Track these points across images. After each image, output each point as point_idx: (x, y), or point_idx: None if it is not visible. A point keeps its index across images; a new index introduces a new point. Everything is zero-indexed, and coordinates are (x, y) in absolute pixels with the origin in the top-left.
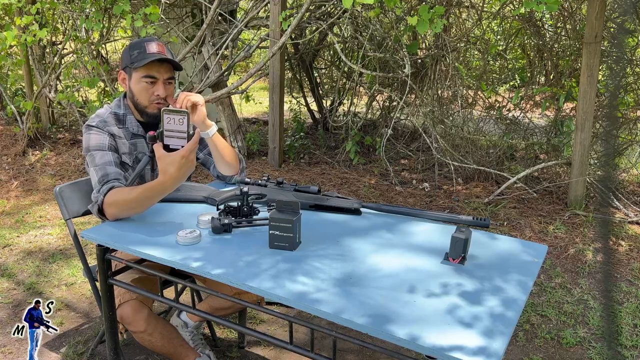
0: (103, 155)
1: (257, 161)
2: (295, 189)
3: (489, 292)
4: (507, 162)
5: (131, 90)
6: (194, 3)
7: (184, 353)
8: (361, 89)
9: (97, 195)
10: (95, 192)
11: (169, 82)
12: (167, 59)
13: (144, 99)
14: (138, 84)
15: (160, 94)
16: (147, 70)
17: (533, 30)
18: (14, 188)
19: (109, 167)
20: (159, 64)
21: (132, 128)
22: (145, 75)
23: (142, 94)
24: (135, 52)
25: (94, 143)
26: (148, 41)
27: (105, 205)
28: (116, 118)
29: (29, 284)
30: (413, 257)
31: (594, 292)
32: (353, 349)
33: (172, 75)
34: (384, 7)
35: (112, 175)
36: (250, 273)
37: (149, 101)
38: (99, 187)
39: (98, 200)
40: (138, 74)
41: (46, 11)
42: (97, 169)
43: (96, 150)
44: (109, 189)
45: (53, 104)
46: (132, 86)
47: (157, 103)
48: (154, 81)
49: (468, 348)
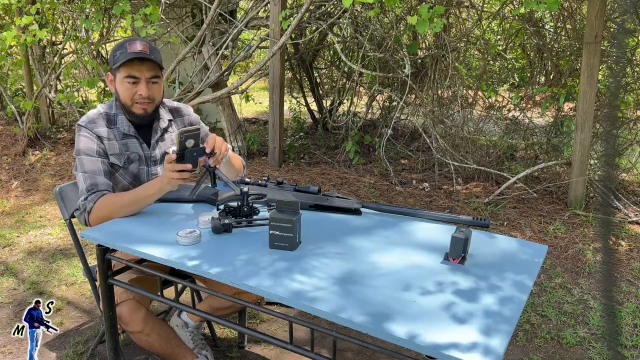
0: (92, 162)
1: (257, 161)
2: (295, 189)
3: (489, 292)
4: (507, 162)
5: (117, 90)
6: (194, 3)
7: (181, 354)
8: (361, 89)
9: (85, 203)
10: (82, 199)
11: (154, 82)
12: (147, 58)
13: (127, 98)
14: (122, 85)
15: (142, 94)
16: (128, 70)
17: (533, 30)
18: (14, 188)
19: (99, 177)
20: (140, 63)
21: (123, 128)
22: (126, 75)
23: (125, 94)
24: (117, 53)
25: (83, 147)
26: (131, 41)
27: (94, 211)
28: (107, 118)
29: (29, 284)
30: (413, 257)
31: (594, 292)
32: (353, 348)
33: (156, 74)
34: (384, 7)
35: (101, 187)
36: (250, 272)
37: (132, 101)
38: (87, 194)
39: (87, 207)
40: (120, 74)
41: (46, 11)
42: (85, 176)
43: (85, 155)
44: (99, 197)
45: (53, 104)
46: (117, 87)
47: (140, 103)
48: (135, 81)
49: (468, 347)
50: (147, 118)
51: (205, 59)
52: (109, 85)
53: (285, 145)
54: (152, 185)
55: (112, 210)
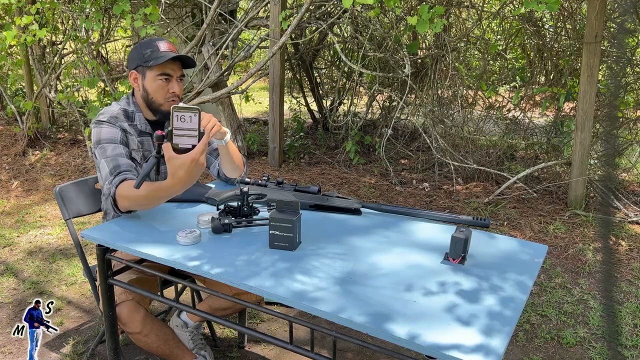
0: (115, 148)
1: (257, 161)
2: (295, 189)
3: (489, 292)
4: (507, 162)
5: (145, 89)
6: (194, 3)
7: (180, 355)
8: (361, 89)
9: (110, 187)
10: (107, 183)
11: (181, 80)
12: (178, 57)
13: (159, 96)
14: (153, 82)
15: (175, 91)
16: (162, 69)
17: (533, 30)
18: (14, 188)
19: (121, 158)
20: (172, 62)
21: (140, 126)
22: (160, 73)
23: (157, 92)
24: (148, 51)
25: (105, 136)
26: (158, 40)
27: (118, 197)
28: (125, 115)
29: (29, 284)
30: (413, 257)
31: (594, 292)
32: (353, 348)
33: (183, 73)
34: (384, 7)
35: (123, 167)
36: (250, 273)
37: (165, 99)
38: (111, 178)
39: (110, 191)
40: (153, 72)
41: (46, 11)
42: (108, 161)
43: (107, 143)
44: (121, 180)
45: (53, 104)
46: (146, 85)
47: (172, 101)
48: (168, 79)
49: (468, 347)
50: (167, 116)
51: (205, 59)
52: (132, 83)
53: (285, 145)
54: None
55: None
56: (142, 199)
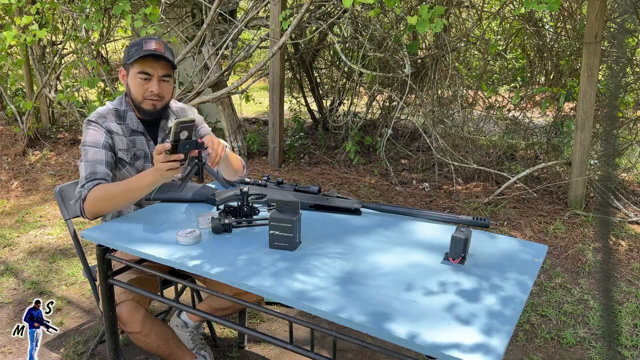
0: (95, 153)
1: (257, 161)
2: (295, 189)
3: (489, 292)
4: (507, 162)
5: (128, 86)
6: (194, 3)
7: (180, 354)
8: (361, 89)
9: (81, 190)
10: (80, 186)
11: (165, 80)
12: (162, 56)
13: (138, 94)
14: (134, 80)
15: (153, 90)
16: (141, 67)
17: (533, 30)
18: (14, 188)
19: (99, 166)
20: (154, 61)
21: (132, 125)
22: (140, 71)
23: (136, 90)
24: (133, 49)
25: (89, 139)
26: (147, 39)
27: (88, 200)
28: (116, 114)
29: (29, 284)
30: (413, 257)
31: (594, 292)
32: (353, 348)
33: (168, 73)
34: (384, 7)
35: (100, 175)
36: (250, 272)
37: (143, 97)
38: (84, 182)
39: (82, 194)
40: (134, 69)
41: (46, 11)
42: (87, 165)
43: (90, 147)
44: (94, 185)
45: (53, 104)
46: (129, 82)
47: (151, 99)
48: (148, 77)
49: (468, 347)
50: (156, 115)
51: (205, 59)
52: (121, 80)
53: (285, 145)
54: (145, 175)
55: (105, 199)
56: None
